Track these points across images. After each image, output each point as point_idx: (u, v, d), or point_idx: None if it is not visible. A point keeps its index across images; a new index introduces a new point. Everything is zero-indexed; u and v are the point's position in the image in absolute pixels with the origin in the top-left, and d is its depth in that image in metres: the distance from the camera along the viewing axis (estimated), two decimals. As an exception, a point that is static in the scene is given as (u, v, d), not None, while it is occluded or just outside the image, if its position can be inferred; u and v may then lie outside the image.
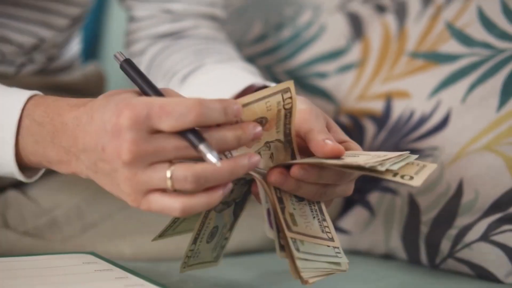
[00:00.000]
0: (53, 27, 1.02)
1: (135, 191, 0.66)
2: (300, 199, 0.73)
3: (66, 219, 0.96)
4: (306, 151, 0.74)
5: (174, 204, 0.65)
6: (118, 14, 1.63)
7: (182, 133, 0.65)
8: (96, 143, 0.67)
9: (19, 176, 0.76)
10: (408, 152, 0.72)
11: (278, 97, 0.69)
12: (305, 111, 0.75)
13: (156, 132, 0.65)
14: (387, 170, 0.69)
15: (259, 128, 0.68)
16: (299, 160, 0.71)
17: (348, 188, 0.75)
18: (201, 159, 0.65)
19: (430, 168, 0.71)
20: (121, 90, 0.70)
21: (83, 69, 1.17)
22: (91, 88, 1.16)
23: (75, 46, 1.16)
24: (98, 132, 0.67)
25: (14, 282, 0.70)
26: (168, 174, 0.64)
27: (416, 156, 0.72)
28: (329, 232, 0.73)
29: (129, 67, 0.71)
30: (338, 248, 0.73)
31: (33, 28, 1.00)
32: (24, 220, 0.96)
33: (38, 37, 1.01)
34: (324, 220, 0.74)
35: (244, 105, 0.68)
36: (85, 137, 0.68)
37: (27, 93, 0.75)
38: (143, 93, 0.69)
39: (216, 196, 0.66)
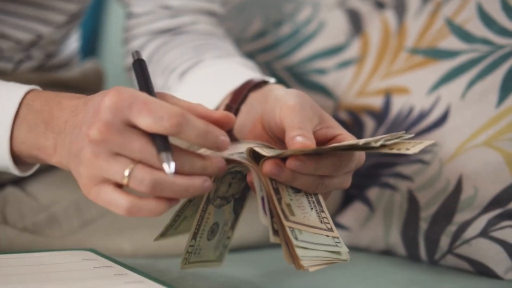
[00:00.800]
0: (51, 23, 1.01)
1: (90, 176, 0.67)
2: (297, 190, 0.73)
3: (65, 215, 0.96)
4: None
5: (121, 201, 0.66)
6: (116, 11, 1.63)
7: (153, 137, 0.65)
8: (78, 123, 0.68)
9: (13, 170, 0.76)
10: (403, 132, 0.72)
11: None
12: (288, 108, 0.75)
13: (132, 126, 0.65)
14: (382, 146, 0.69)
15: (222, 164, 0.68)
16: (291, 150, 0.71)
17: (345, 181, 0.75)
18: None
19: (426, 142, 0.71)
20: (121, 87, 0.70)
21: (82, 66, 1.17)
22: (89, 85, 1.16)
23: (73, 43, 1.16)
24: (84, 114, 0.68)
25: (13, 279, 0.70)
26: (127, 172, 0.65)
27: (412, 135, 0.72)
28: (328, 223, 0.73)
29: (139, 66, 0.72)
30: (337, 238, 0.73)
31: (31, 24, 1.00)
32: (23, 216, 0.96)
33: (36, 33, 1.00)
34: (322, 211, 0.73)
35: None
36: (73, 121, 0.70)
37: (27, 87, 0.76)
38: (140, 90, 0.70)
39: (163, 206, 0.66)
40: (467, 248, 0.89)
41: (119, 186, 0.66)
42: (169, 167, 0.64)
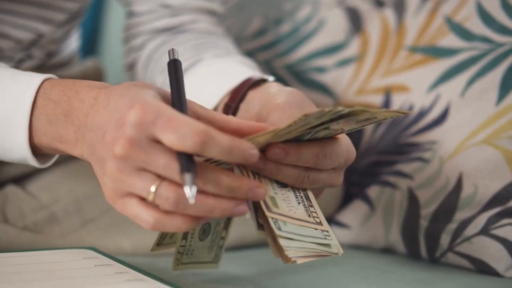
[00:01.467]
0: (51, 22, 1.01)
1: (114, 188, 0.66)
2: (284, 185, 0.72)
3: (65, 214, 0.96)
4: None
5: (147, 217, 0.65)
6: (116, 10, 1.63)
7: (177, 155, 0.64)
8: (102, 125, 0.67)
9: (32, 161, 0.75)
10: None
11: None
12: (273, 106, 0.75)
13: (156, 141, 0.64)
14: (350, 112, 0.67)
15: (260, 191, 0.66)
16: (253, 136, 0.68)
17: (335, 177, 0.74)
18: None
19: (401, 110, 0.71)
20: (147, 84, 0.69)
21: (82, 65, 1.17)
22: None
23: (74, 42, 1.16)
24: (107, 116, 0.67)
25: (13, 277, 0.70)
26: (153, 188, 0.64)
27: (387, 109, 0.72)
28: (317, 217, 0.72)
29: (173, 67, 0.71)
30: (327, 231, 0.71)
31: (31, 24, 1.00)
32: (23, 215, 0.96)
33: (37, 32, 1.00)
34: (311, 206, 0.72)
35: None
36: (94, 117, 0.68)
37: (42, 76, 0.74)
38: (171, 95, 0.69)
39: (189, 224, 0.65)
40: (468, 246, 0.89)
41: (144, 199, 0.66)
42: (190, 190, 0.62)
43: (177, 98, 0.69)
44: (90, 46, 1.68)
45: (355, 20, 1.14)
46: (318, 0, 1.18)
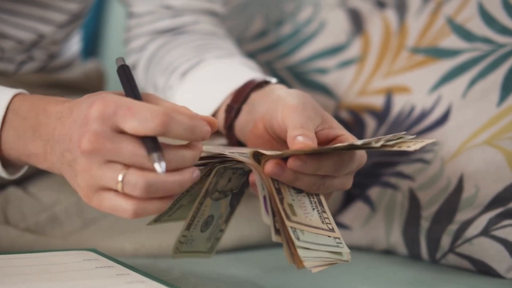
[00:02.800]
0: (52, 23, 1.01)
1: (88, 185, 0.67)
2: (299, 191, 0.73)
3: (66, 215, 0.96)
4: None
5: (126, 206, 0.66)
6: (117, 11, 1.63)
7: (142, 140, 0.66)
8: (67, 133, 0.69)
9: (2, 173, 0.77)
10: (404, 132, 0.73)
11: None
12: (290, 108, 0.75)
13: (120, 132, 0.66)
14: (383, 146, 0.69)
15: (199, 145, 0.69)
16: (293, 150, 0.71)
17: (346, 181, 0.76)
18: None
19: (427, 141, 0.71)
20: (107, 91, 0.71)
21: (83, 67, 1.17)
22: (91, 86, 1.16)
23: (75, 44, 1.16)
24: (72, 123, 0.69)
25: (15, 279, 0.70)
26: (120, 177, 0.65)
27: (413, 136, 0.73)
28: (330, 223, 0.73)
29: (123, 72, 0.73)
30: (339, 238, 0.73)
31: (32, 24, 1.00)
32: (24, 217, 0.96)
33: (38, 32, 1.00)
34: (324, 211, 0.74)
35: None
36: (61, 129, 0.70)
37: (13, 91, 0.76)
38: (126, 95, 0.71)
39: (168, 202, 0.67)
40: (469, 247, 0.89)
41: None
42: (161, 167, 0.65)
43: (131, 92, 0.71)
44: (92, 47, 1.69)
45: (357, 21, 1.14)
46: (319, 1, 1.18)
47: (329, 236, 0.72)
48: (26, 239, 0.95)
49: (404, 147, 0.69)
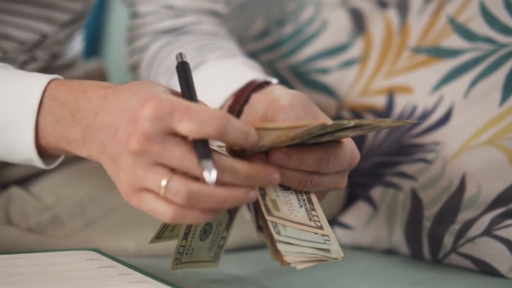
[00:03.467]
0: (55, 23, 1.01)
1: (130, 184, 0.66)
2: (286, 188, 0.72)
3: (68, 215, 0.96)
4: None
5: (165, 210, 0.65)
6: (120, 11, 1.63)
7: (194, 144, 0.64)
8: (113, 123, 0.67)
9: (38, 162, 0.74)
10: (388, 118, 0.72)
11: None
12: (278, 108, 0.75)
13: (172, 134, 0.65)
14: (355, 126, 0.67)
15: (276, 176, 0.67)
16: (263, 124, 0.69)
17: (339, 181, 0.75)
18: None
19: (405, 122, 0.71)
20: (156, 83, 0.69)
21: (85, 66, 1.17)
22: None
23: (77, 44, 1.16)
24: (118, 114, 0.67)
25: (16, 279, 0.70)
26: (164, 182, 0.64)
27: (392, 119, 0.72)
28: (318, 221, 0.72)
29: (182, 69, 0.71)
30: (327, 236, 0.71)
31: (34, 24, 1.00)
32: (26, 216, 0.96)
33: (40, 33, 1.00)
34: (313, 209, 0.72)
35: (267, 129, 0.68)
36: (104, 116, 0.68)
37: (48, 76, 0.74)
38: (182, 95, 0.69)
39: (208, 215, 0.65)
40: (471, 247, 0.89)
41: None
42: (210, 175, 0.63)
43: (187, 93, 0.69)
44: (93, 47, 1.69)
45: (358, 21, 1.14)
46: (321, 1, 1.18)
47: (316, 233, 0.71)
48: (28, 239, 0.95)
49: (378, 123, 0.68)
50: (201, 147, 0.64)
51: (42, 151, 0.74)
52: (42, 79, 0.74)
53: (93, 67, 1.17)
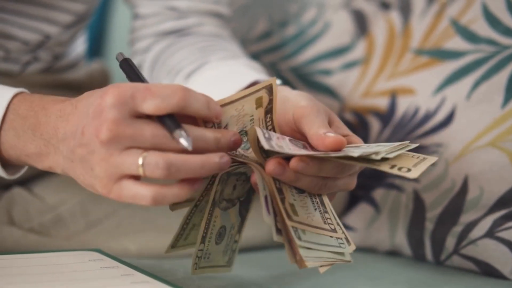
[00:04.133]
0: (58, 24, 1.02)
1: (108, 175, 0.67)
2: (301, 191, 0.73)
3: (71, 215, 0.96)
4: None
5: (145, 192, 0.66)
6: (122, 12, 1.63)
7: (161, 120, 0.66)
8: (77, 128, 0.68)
9: (1, 173, 0.77)
10: (408, 142, 0.72)
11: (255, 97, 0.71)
12: (305, 107, 0.75)
13: (138, 116, 0.66)
14: (383, 160, 0.69)
15: (238, 137, 0.69)
16: (296, 152, 0.70)
17: (350, 182, 0.75)
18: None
19: (430, 160, 0.71)
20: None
21: (88, 67, 1.17)
22: (95, 86, 1.15)
23: (80, 45, 1.16)
24: (80, 117, 0.68)
25: (19, 279, 0.70)
26: (140, 160, 0.65)
27: (416, 145, 0.72)
28: (332, 224, 0.73)
29: (127, 64, 0.74)
30: (341, 239, 0.72)
31: (37, 25, 1.00)
32: (29, 217, 0.96)
33: (44, 33, 1.00)
34: (326, 212, 0.73)
35: (224, 105, 0.70)
36: (66, 126, 0.70)
37: (13, 90, 0.76)
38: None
39: (186, 190, 0.66)
40: (473, 248, 0.89)
41: (138, 178, 0.67)
42: (187, 141, 0.65)
43: (139, 80, 0.72)
44: (96, 48, 1.69)
45: (361, 23, 1.14)
46: (323, 2, 1.18)
47: (331, 237, 0.72)
48: (31, 239, 0.95)
49: (403, 171, 0.68)
50: (170, 121, 0.66)
51: (5, 162, 0.76)
52: (6, 93, 0.75)
53: (96, 68, 1.17)
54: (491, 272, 0.88)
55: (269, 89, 0.72)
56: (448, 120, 0.97)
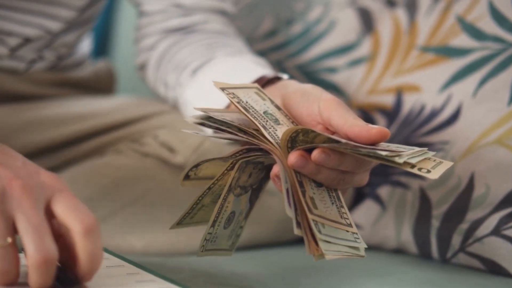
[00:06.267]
0: (59, 19, 1.01)
1: None
2: (319, 185, 0.74)
3: (76, 214, 0.96)
4: None
5: None
6: (128, 10, 1.63)
7: None
8: None
9: None
10: (426, 148, 0.73)
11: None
12: (331, 100, 0.75)
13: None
14: (405, 163, 0.69)
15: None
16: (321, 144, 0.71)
17: (364, 178, 0.76)
18: None
19: (446, 164, 0.72)
20: None
21: (94, 66, 1.17)
22: (101, 85, 1.16)
23: (86, 47, 1.16)
24: None
25: (21, 279, 0.70)
26: None
27: (433, 153, 0.73)
28: (347, 218, 0.73)
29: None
30: (356, 233, 0.73)
31: (38, 20, 1.00)
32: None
33: (44, 29, 1.00)
34: (342, 206, 0.74)
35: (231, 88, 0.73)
36: None
37: None
38: None
39: None
40: (479, 246, 0.89)
41: None
42: None
43: None
44: (102, 47, 1.69)
45: (367, 20, 1.14)
46: (329, 0, 1.18)
47: (347, 231, 0.73)
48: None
49: (424, 172, 0.69)
50: None
51: None
52: None
53: (101, 67, 1.17)
54: (497, 270, 0.88)
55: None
56: (454, 117, 0.97)
